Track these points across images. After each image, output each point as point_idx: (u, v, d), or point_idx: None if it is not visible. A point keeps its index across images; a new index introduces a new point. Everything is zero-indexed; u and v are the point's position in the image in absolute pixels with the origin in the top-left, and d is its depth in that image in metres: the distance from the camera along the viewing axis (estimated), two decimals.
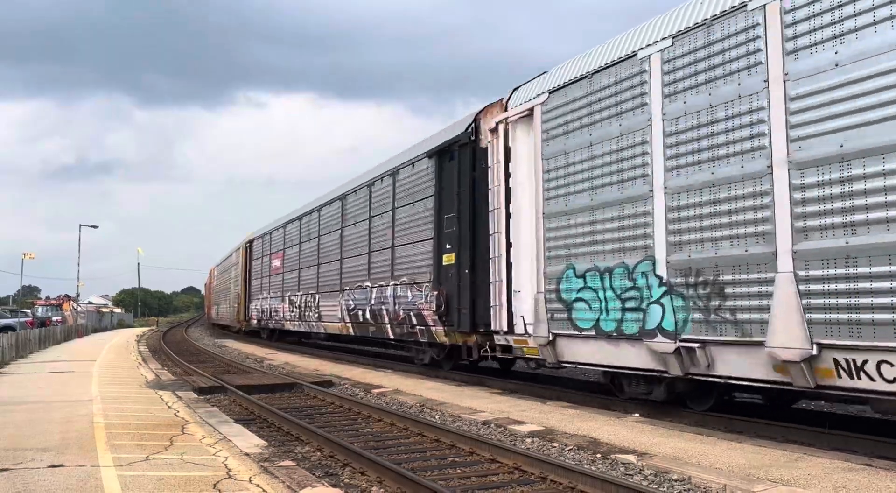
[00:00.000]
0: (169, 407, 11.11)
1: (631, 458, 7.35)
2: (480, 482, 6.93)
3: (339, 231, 21.35)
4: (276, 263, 29.10)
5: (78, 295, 60.45)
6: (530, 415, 10.09)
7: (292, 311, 26.11)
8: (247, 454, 7.53)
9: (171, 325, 70.06)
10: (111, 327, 62.00)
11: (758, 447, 7.70)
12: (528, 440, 8.62)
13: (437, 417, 10.54)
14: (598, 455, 7.64)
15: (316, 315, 22.88)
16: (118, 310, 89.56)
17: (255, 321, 32.78)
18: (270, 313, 29.73)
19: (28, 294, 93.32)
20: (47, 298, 74.83)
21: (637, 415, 10.04)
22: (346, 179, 24.86)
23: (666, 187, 9.16)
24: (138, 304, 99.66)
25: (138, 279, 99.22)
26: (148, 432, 8.81)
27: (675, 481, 6.60)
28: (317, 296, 22.92)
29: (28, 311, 52.57)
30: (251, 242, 35.09)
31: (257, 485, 6.18)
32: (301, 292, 25.13)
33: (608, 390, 11.35)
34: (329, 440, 8.58)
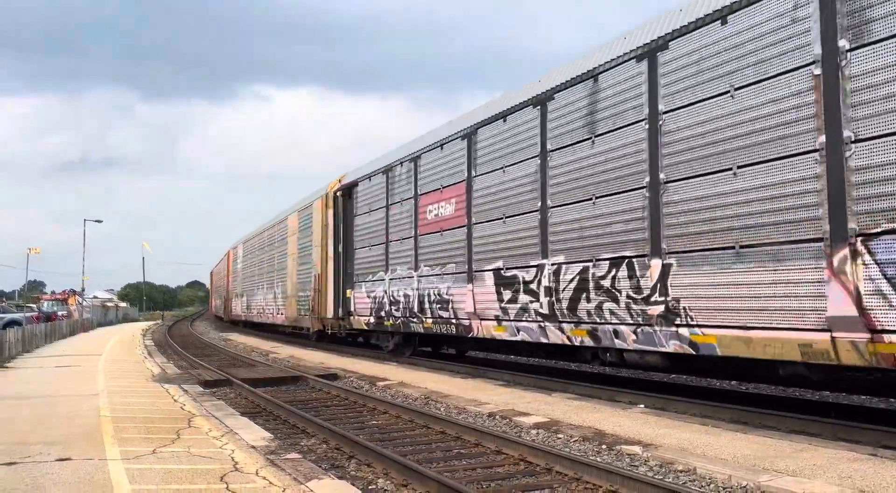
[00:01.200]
0: (175, 401, 11.15)
1: (636, 449, 7.36)
2: (486, 473, 6.94)
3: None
4: (444, 208, 15.11)
5: (83, 290, 60.63)
6: (535, 407, 10.10)
7: (504, 295, 12.76)
8: (253, 447, 7.56)
9: (177, 319, 70.34)
10: (116, 322, 62.21)
11: (763, 437, 7.71)
12: (534, 431, 8.64)
13: (442, 409, 10.56)
14: (604, 447, 7.65)
15: (635, 309, 9.87)
16: (123, 304, 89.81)
17: (371, 319, 18.60)
18: (419, 304, 15.94)
19: (34, 289, 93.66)
20: (53, 292, 75.16)
21: (642, 406, 10.05)
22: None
23: None
24: (143, 298, 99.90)
25: (143, 274, 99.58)
26: (154, 425, 8.85)
27: (681, 472, 6.60)
28: (672, 263, 9.26)
29: (34, 306, 52.80)
30: (350, 187, 20.59)
31: (264, 478, 6.20)
32: (558, 260, 11.30)
33: (614, 382, 11.28)
34: (335, 432, 8.61)
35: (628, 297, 10.07)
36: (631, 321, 10.02)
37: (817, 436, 7.86)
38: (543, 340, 11.94)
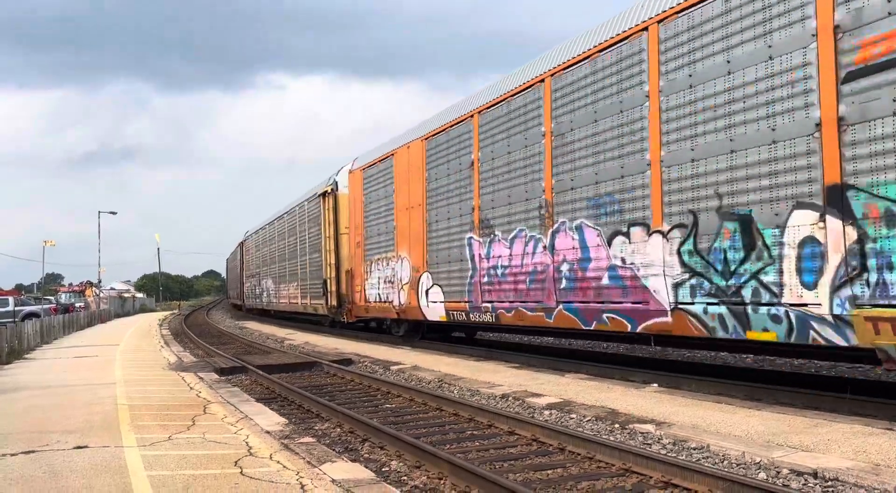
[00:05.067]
0: (191, 388, 11.25)
1: (649, 427, 7.35)
2: (498, 454, 6.96)
3: None
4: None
5: (100, 281, 61.18)
6: (548, 388, 10.11)
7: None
8: (268, 432, 7.62)
9: (193, 308, 70.88)
10: (133, 312, 62.75)
11: (777, 413, 7.67)
12: (546, 412, 8.65)
13: (455, 391, 10.59)
14: (617, 426, 7.65)
15: None
16: (140, 295, 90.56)
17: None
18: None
19: (52, 281, 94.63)
20: (70, 285, 75.82)
21: (656, 385, 10.03)
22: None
23: None
24: (160, 288, 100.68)
25: (159, 264, 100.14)
26: (170, 412, 8.93)
27: (694, 449, 6.59)
28: None
29: (52, 298, 53.34)
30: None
31: (278, 461, 6.25)
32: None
33: (628, 362, 11.30)
34: (349, 416, 8.65)
35: None
36: None
37: (832, 411, 7.82)
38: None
